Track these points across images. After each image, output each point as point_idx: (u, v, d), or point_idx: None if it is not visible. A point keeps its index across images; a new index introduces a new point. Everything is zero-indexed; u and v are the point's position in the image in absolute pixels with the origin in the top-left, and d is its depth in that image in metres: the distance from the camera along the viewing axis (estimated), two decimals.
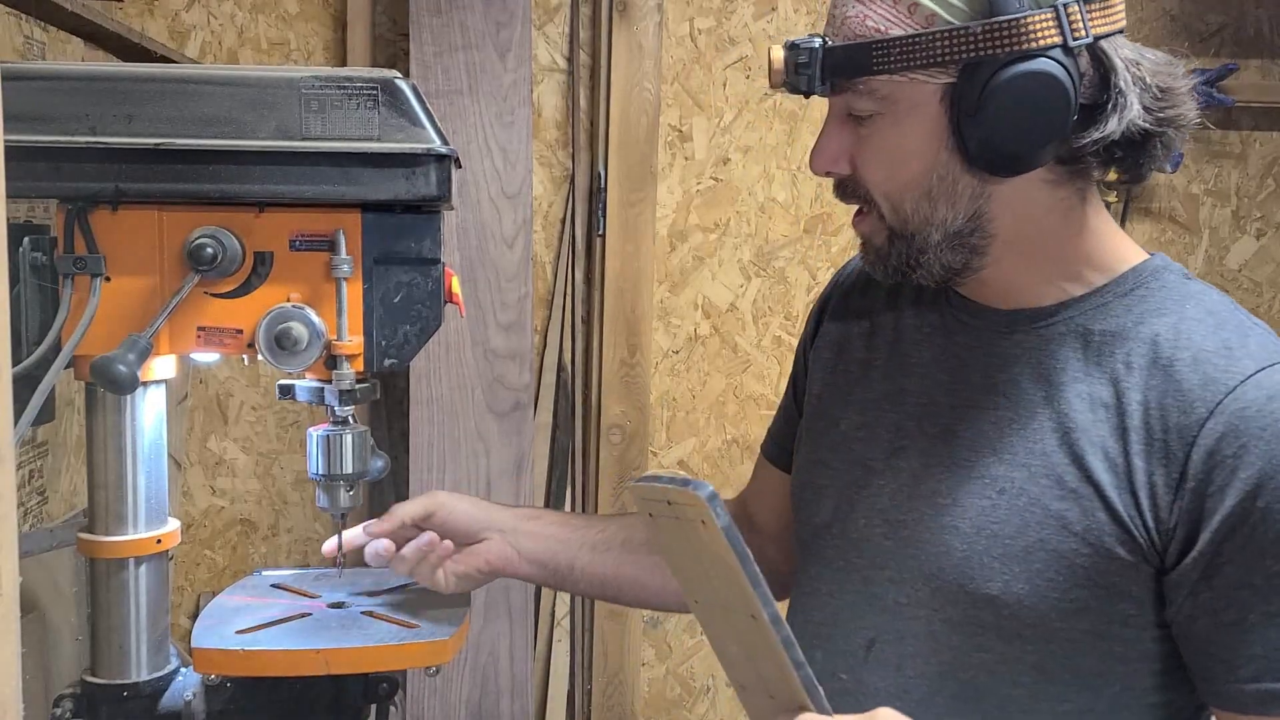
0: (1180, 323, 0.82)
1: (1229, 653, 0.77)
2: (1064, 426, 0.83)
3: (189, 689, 0.98)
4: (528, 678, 2.25)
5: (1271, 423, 0.75)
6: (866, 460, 0.94)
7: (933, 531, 0.87)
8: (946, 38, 0.79)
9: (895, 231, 0.87)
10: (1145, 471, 0.79)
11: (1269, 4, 2.59)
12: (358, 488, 1.03)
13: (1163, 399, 0.79)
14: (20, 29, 1.73)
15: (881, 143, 0.85)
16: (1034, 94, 0.78)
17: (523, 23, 2.22)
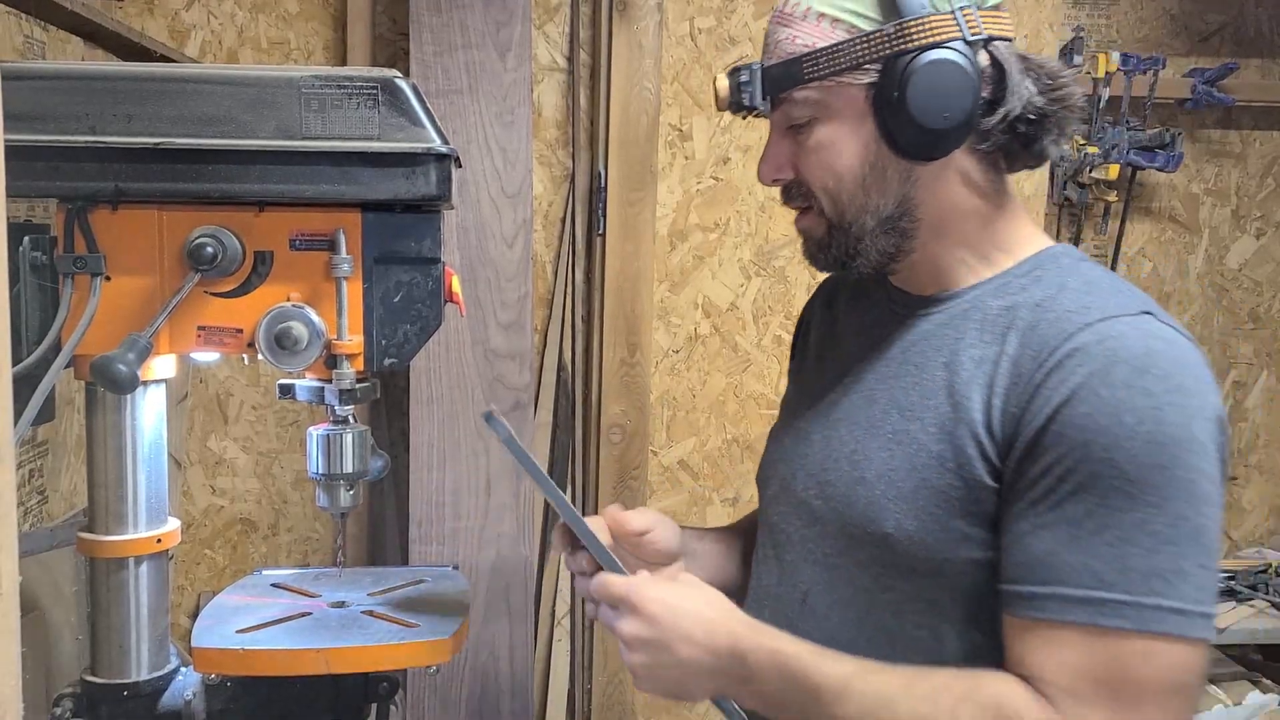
0: (1059, 292, 0.92)
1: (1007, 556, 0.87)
2: (951, 384, 0.93)
3: (189, 688, 0.98)
4: (528, 678, 2.25)
5: (1085, 361, 0.84)
6: (807, 435, 1.06)
7: (848, 485, 0.98)
8: (865, 42, 0.92)
9: (834, 223, 0.98)
10: (1000, 408, 0.88)
11: (1269, 4, 2.59)
12: (358, 487, 1.03)
13: (1024, 350, 0.89)
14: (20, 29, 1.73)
15: (819, 143, 0.96)
16: (943, 78, 0.90)
17: (523, 22, 2.22)
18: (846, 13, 0.93)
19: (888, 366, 1.01)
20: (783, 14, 0.97)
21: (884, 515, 0.93)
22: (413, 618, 1.03)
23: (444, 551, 2.19)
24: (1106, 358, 0.84)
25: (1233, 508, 2.72)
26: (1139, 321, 0.87)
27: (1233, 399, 2.70)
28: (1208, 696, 2.28)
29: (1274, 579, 2.30)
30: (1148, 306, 0.90)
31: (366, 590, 1.13)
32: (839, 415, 1.03)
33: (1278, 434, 2.72)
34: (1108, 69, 2.42)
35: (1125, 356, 0.83)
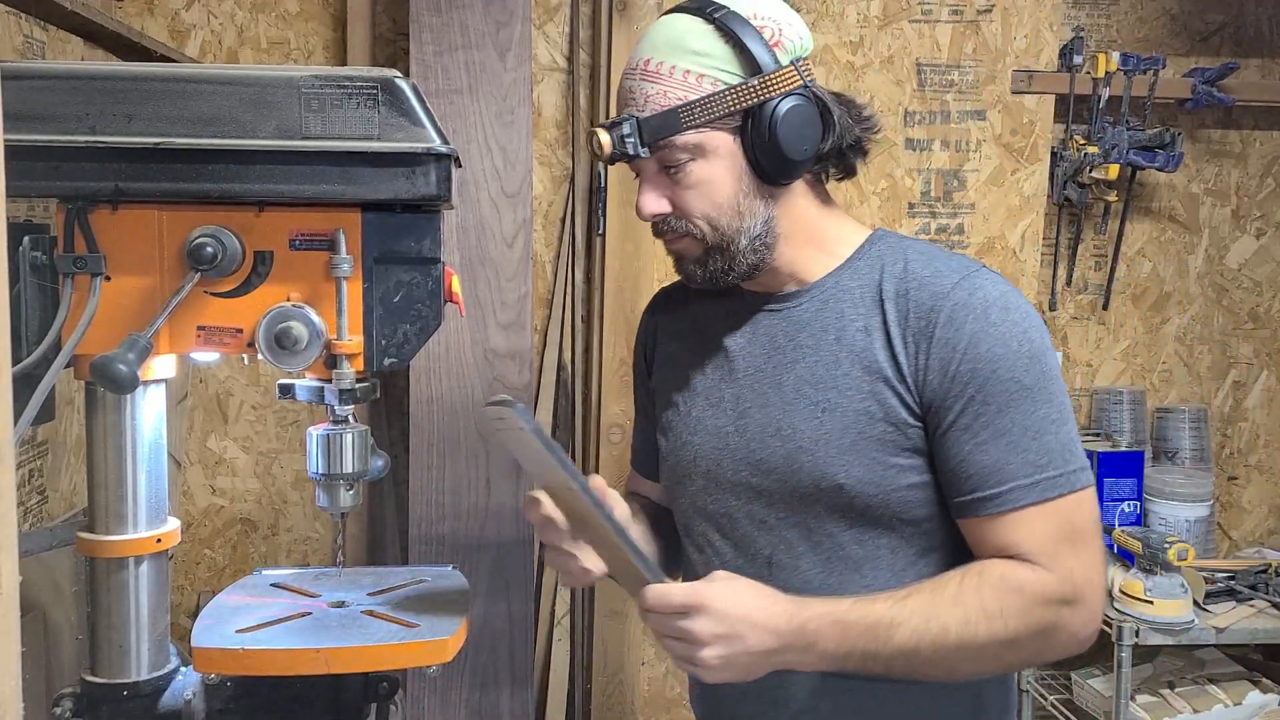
0: (907, 264, 1.14)
1: (958, 474, 1.08)
2: (853, 352, 1.12)
3: (189, 688, 0.98)
4: (528, 678, 2.25)
5: (971, 311, 1.08)
6: (720, 429, 1.20)
7: (786, 456, 1.13)
8: (732, 93, 1.09)
9: (711, 246, 1.14)
10: (906, 362, 1.10)
11: (1269, 4, 2.59)
12: (358, 487, 1.03)
13: (906, 314, 1.11)
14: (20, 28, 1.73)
15: (698, 180, 1.12)
16: (800, 119, 1.10)
17: (523, 22, 2.22)
18: (711, 69, 1.09)
19: (781, 355, 1.17)
20: (647, 72, 1.11)
21: (833, 470, 1.10)
22: (413, 618, 1.03)
23: (444, 551, 2.19)
24: (981, 306, 1.08)
25: (1232, 507, 2.72)
26: (983, 275, 1.11)
27: (1233, 399, 2.70)
28: (1207, 696, 2.28)
29: (1274, 579, 2.30)
30: (977, 264, 1.14)
31: (366, 590, 1.13)
32: (746, 405, 1.18)
33: (1278, 434, 2.72)
34: (1108, 69, 2.42)
35: (991, 302, 1.09)
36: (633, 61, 1.13)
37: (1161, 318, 2.65)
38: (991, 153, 2.44)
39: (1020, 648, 1.05)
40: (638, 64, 1.12)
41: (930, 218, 2.45)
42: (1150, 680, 2.34)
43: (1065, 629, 1.05)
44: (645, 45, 1.13)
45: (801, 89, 1.11)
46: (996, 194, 2.45)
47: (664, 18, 1.14)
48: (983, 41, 2.42)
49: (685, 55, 1.10)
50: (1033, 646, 1.05)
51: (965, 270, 1.11)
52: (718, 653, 0.98)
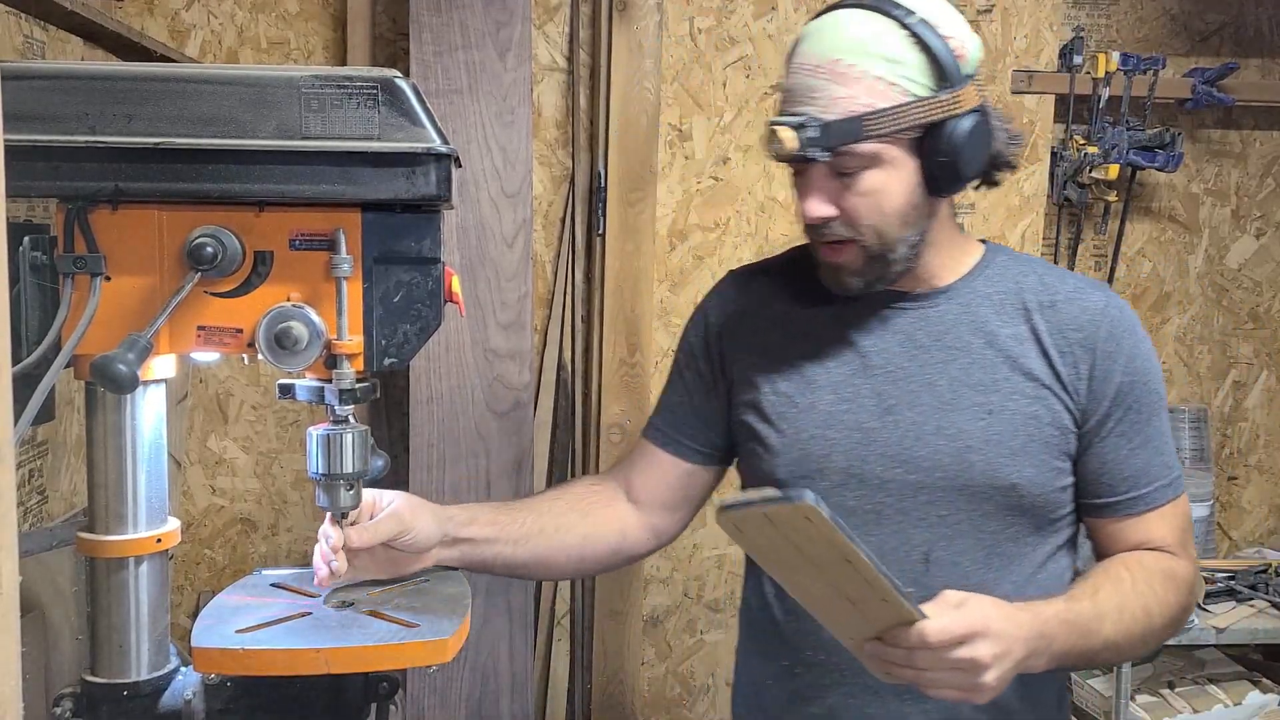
0: (1039, 279, 1.22)
1: (1113, 477, 1.19)
2: (1009, 358, 1.18)
3: (189, 688, 0.98)
4: (528, 677, 2.25)
5: (1128, 329, 1.19)
6: (862, 425, 1.20)
7: (953, 454, 1.17)
8: (920, 105, 1.09)
9: (873, 253, 1.15)
10: (1066, 371, 1.18)
11: (1269, 4, 2.59)
12: (358, 487, 1.03)
13: (1060, 326, 1.19)
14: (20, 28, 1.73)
15: (871, 188, 1.12)
16: (978, 136, 1.12)
17: (523, 22, 2.22)
18: (902, 78, 1.09)
19: (926, 354, 1.20)
20: (835, 71, 1.09)
21: (1006, 470, 1.16)
22: (413, 618, 1.03)
23: None
24: (1131, 324, 1.20)
25: (1232, 507, 2.72)
26: (1115, 294, 1.23)
27: (1233, 399, 2.70)
28: (1207, 696, 2.28)
29: (1274, 579, 2.30)
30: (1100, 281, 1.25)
31: (366, 590, 1.13)
32: (892, 402, 1.20)
33: (1278, 434, 2.72)
34: (1108, 69, 2.42)
35: (1135, 321, 1.21)
36: (817, 56, 1.10)
37: (1161, 318, 2.65)
38: None
39: (1174, 627, 1.17)
40: (825, 61, 1.10)
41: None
42: (1150, 680, 2.34)
43: (1193, 605, 1.23)
44: (831, 41, 1.10)
45: (978, 106, 1.13)
46: (996, 194, 2.46)
47: (846, 13, 1.12)
48: (982, 41, 2.42)
49: (878, 61, 1.08)
50: (1181, 622, 1.19)
51: (1102, 287, 1.24)
52: (997, 673, 0.99)
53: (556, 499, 1.34)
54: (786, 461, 1.23)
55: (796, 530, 0.91)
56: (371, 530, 1.09)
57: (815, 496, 0.88)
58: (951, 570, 1.17)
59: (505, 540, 1.25)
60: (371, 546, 1.09)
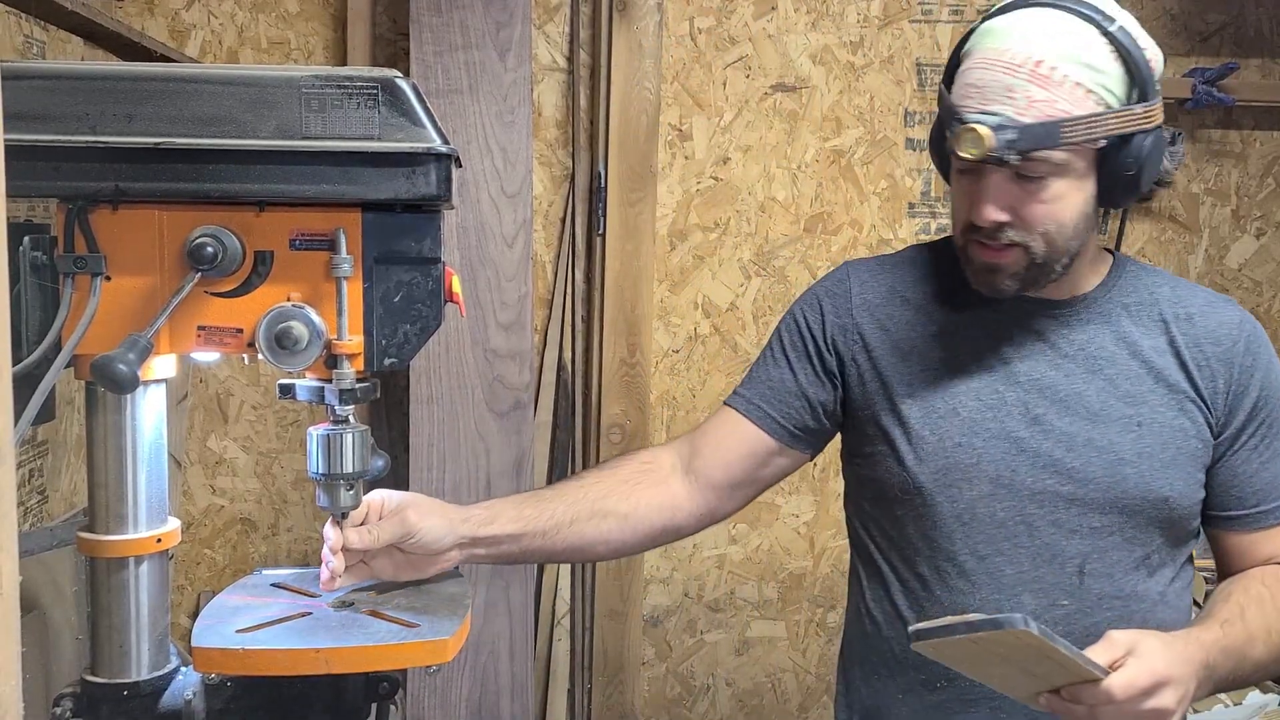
0: (1172, 290, 1.22)
1: (1244, 489, 1.19)
2: (1153, 370, 1.18)
3: (189, 688, 0.98)
4: (528, 678, 2.25)
5: (1262, 343, 1.21)
6: (1010, 434, 1.18)
7: (1106, 466, 1.16)
8: (1116, 117, 1.07)
9: (1038, 260, 1.13)
10: (1203, 383, 1.18)
11: (1269, 4, 2.59)
12: (358, 487, 1.03)
13: (1197, 339, 1.19)
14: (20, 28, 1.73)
15: (1054, 196, 1.10)
16: (1159, 153, 1.11)
17: (523, 22, 2.22)
18: (1101, 88, 1.07)
19: (1071, 364, 1.19)
20: (1037, 74, 1.06)
21: (1160, 483, 1.16)
22: (413, 618, 1.03)
23: None
24: (1262, 340, 1.21)
25: None
26: (1243, 309, 1.23)
27: None
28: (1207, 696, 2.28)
29: None
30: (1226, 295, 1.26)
31: (367, 590, 1.12)
32: (1039, 411, 1.18)
33: None
34: None
35: (1265, 336, 1.22)
36: (1016, 55, 1.07)
37: None
38: None
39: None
40: (1025, 60, 1.06)
41: (930, 218, 2.45)
42: None
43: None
44: (1033, 42, 1.07)
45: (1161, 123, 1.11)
46: None
47: (1046, 12, 1.08)
48: None
49: (1081, 67, 1.06)
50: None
51: (1232, 302, 1.24)
52: (1180, 716, 1.01)
53: (599, 481, 1.29)
54: (932, 469, 1.20)
55: (1000, 644, 0.93)
56: (374, 533, 1.07)
57: (1024, 618, 0.89)
58: (1107, 582, 1.17)
59: (533, 534, 1.22)
60: (373, 549, 1.08)
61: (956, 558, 1.19)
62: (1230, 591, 1.15)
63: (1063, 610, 1.17)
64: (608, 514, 1.25)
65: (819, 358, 1.29)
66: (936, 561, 1.21)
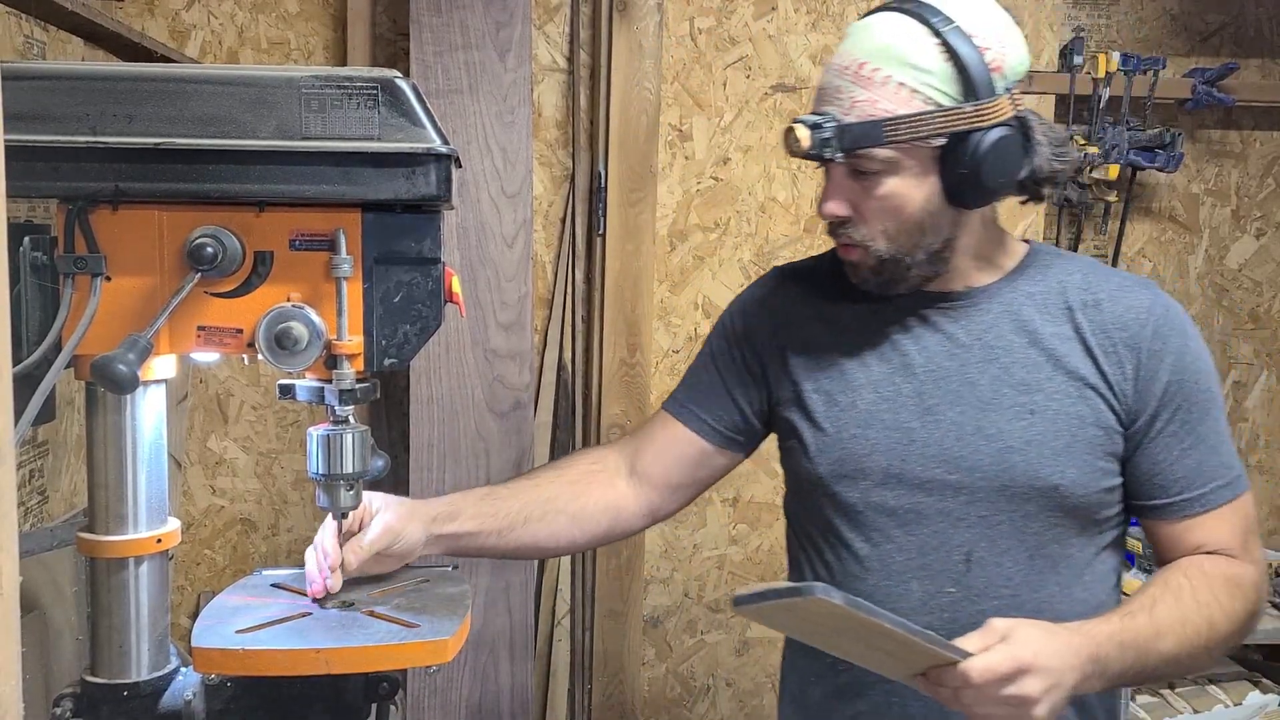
0: (1084, 278, 1.21)
1: (1165, 478, 1.16)
2: (1052, 358, 1.17)
3: (189, 688, 0.98)
4: (528, 678, 2.25)
5: (1174, 328, 1.17)
6: (903, 425, 1.20)
7: (994, 455, 1.16)
8: (944, 115, 1.08)
9: (885, 257, 1.15)
10: (1111, 370, 1.16)
11: (1269, 4, 2.59)
12: (358, 487, 1.03)
13: (1104, 326, 1.17)
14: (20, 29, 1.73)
15: (888, 193, 1.12)
16: (1006, 151, 1.11)
17: (523, 22, 2.22)
18: (926, 86, 1.08)
19: (967, 354, 1.19)
20: (859, 75, 1.09)
21: (1048, 472, 1.14)
22: (413, 618, 1.03)
23: None
24: (1179, 323, 1.17)
25: None
26: (1163, 293, 1.20)
27: (1233, 399, 2.70)
28: (1207, 696, 2.28)
29: (1274, 579, 2.30)
30: (1149, 279, 1.24)
31: (367, 590, 1.13)
32: (933, 402, 1.19)
33: (1278, 434, 2.73)
34: (1108, 69, 2.42)
35: (1184, 320, 1.19)
36: (845, 58, 1.11)
37: None
38: None
39: (1240, 635, 1.14)
40: (851, 63, 1.10)
41: None
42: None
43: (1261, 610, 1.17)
44: (861, 43, 1.10)
45: (1011, 119, 1.11)
46: None
47: (885, 16, 1.11)
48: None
49: (904, 67, 1.08)
50: (1247, 629, 1.15)
51: (1149, 286, 1.21)
52: (1047, 706, 0.98)
53: (552, 480, 1.33)
54: (828, 461, 1.23)
55: (816, 613, 0.94)
56: (367, 547, 1.11)
57: (824, 587, 0.90)
58: (994, 571, 1.17)
59: (488, 532, 1.26)
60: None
61: (852, 546, 1.22)
62: (1150, 583, 1.14)
63: (949, 597, 1.17)
64: (559, 513, 1.30)
65: (744, 361, 1.33)
66: (837, 549, 1.24)
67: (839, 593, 0.91)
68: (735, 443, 1.34)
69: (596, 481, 1.34)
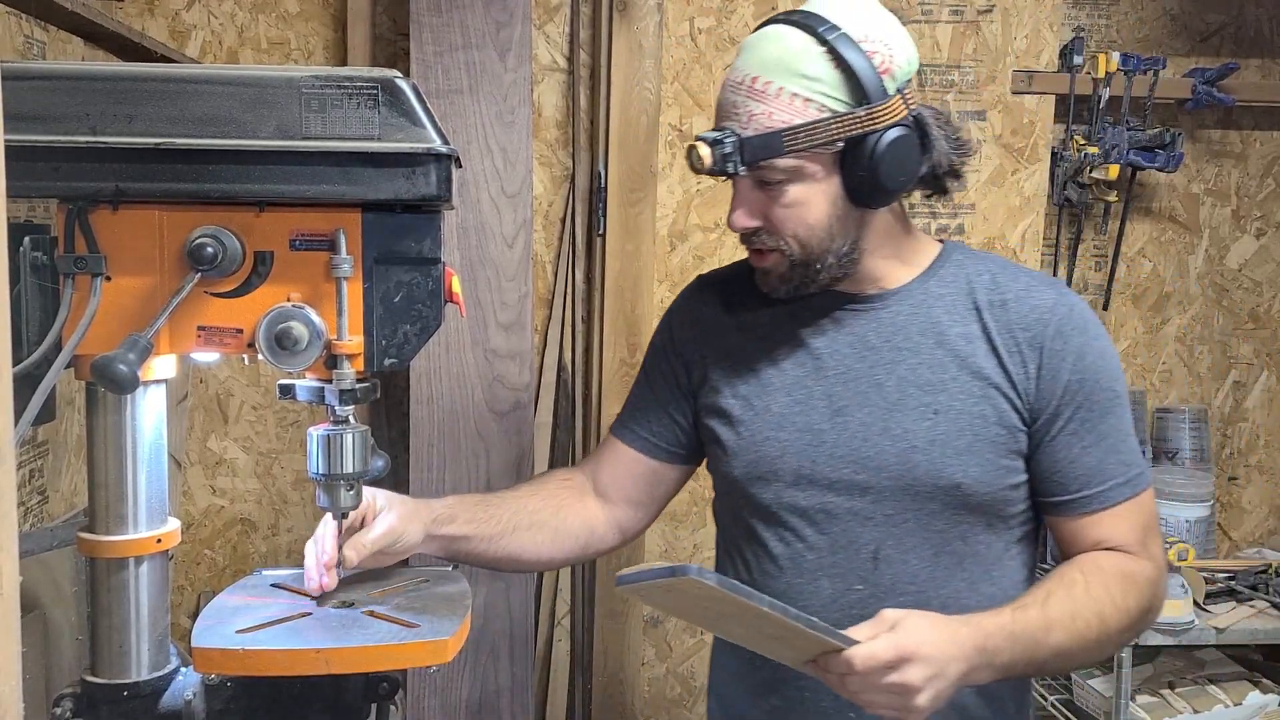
0: (993, 278, 1.22)
1: (1065, 475, 1.18)
2: (958, 358, 1.19)
3: (189, 688, 0.98)
4: (528, 678, 2.25)
5: (1077, 327, 1.18)
6: (813, 426, 1.22)
7: (899, 455, 1.18)
8: (838, 121, 1.11)
9: (796, 261, 1.18)
10: (1015, 369, 1.18)
11: (1269, 4, 2.59)
12: (358, 487, 1.03)
13: (1009, 325, 1.19)
14: (20, 29, 1.73)
15: (793, 201, 1.14)
16: (902, 150, 1.13)
17: (523, 22, 2.22)
18: (819, 95, 1.11)
19: (876, 355, 1.21)
20: (752, 89, 1.12)
21: (951, 470, 1.16)
22: (413, 618, 1.03)
23: None
24: (1082, 322, 1.19)
25: (1233, 508, 2.72)
26: (1071, 292, 1.23)
27: (1233, 399, 2.70)
28: (1207, 696, 2.28)
29: (1274, 579, 2.30)
30: (1057, 279, 1.26)
31: (367, 590, 1.13)
32: (842, 403, 1.21)
33: (1278, 434, 2.73)
34: (1108, 69, 2.42)
35: (1088, 319, 1.20)
36: (739, 74, 1.14)
37: (1161, 318, 2.65)
38: (992, 153, 2.44)
39: (1135, 629, 1.16)
40: (744, 78, 1.13)
41: (930, 218, 2.45)
42: (1150, 680, 2.34)
43: (1158, 606, 1.18)
44: (753, 58, 1.13)
45: (907, 118, 1.14)
46: (997, 194, 2.46)
47: (774, 29, 1.14)
48: (983, 42, 2.42)
49: (794, 78, 1.10)
50: (1142, 625, 1.17)
51: (1055, 285, 1.23)
52: (929, 695, 1.00)
53: (533, 494, 1.36)
54: (743, 463, 1.26)
55: (695, 595, 0.95)
56: (369, 545, 1.12)
57: (699, 569, 0.91)
58: (900, 568, 1.19)
59: (479, 538, 1.28)
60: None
61: (767, 545, 1.25)
62: (1047, 578, 1.16)
63: (857, 595, 1.20)
64: (543, 526, 1.32)
65: (673, 374, 1.36)
66: (754, 549, 1.27)
67: (714, 575, 0.93)
68: (679, 456, 1.37)
69: (571, 498, 1.37)
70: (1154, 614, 1.18)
